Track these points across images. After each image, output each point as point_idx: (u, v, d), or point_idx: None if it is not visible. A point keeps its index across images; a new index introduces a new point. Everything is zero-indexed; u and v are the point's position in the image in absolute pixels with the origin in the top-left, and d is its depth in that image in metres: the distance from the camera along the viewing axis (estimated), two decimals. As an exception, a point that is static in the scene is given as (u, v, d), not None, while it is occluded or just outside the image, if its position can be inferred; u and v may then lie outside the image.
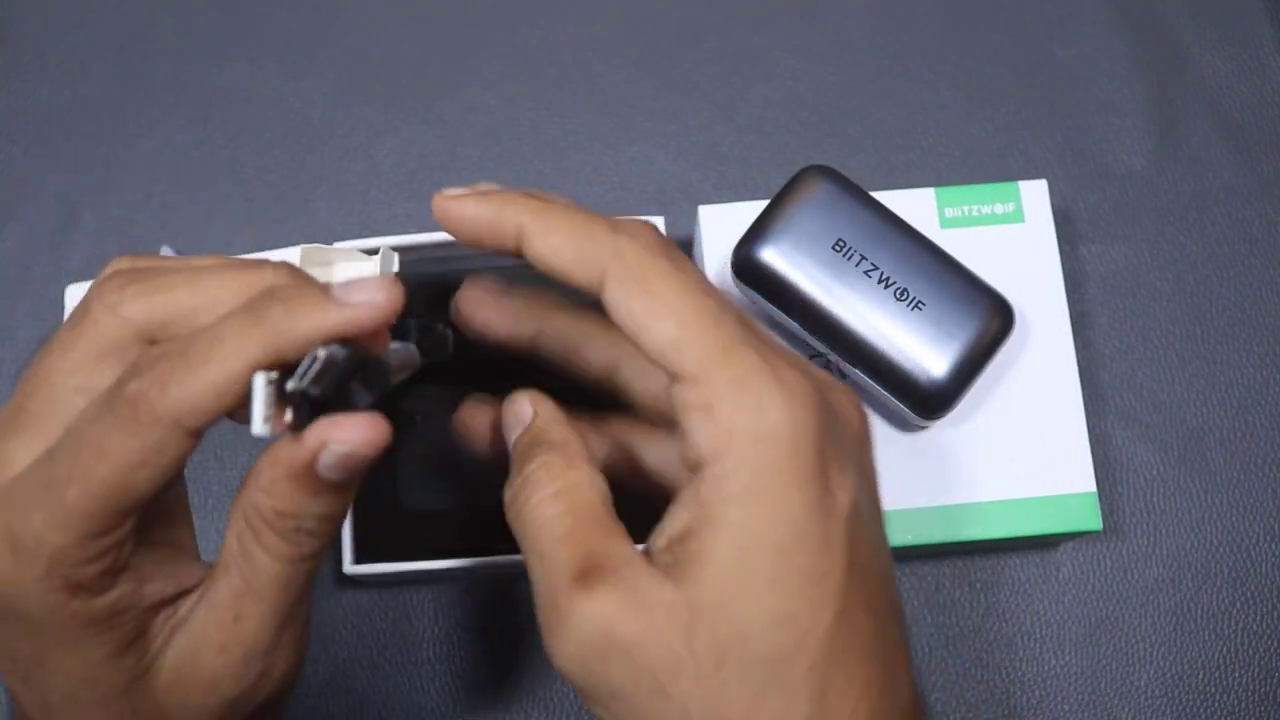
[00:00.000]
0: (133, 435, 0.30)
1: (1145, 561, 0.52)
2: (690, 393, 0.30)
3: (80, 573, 0.31)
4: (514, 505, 0.33)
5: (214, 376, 0.30)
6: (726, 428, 0.30)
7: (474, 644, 0.51)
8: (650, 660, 0.30)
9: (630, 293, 0.31)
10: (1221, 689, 0.51)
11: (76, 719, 0.33)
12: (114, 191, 0.56)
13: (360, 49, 0.59)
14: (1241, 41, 0.59)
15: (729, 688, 0.29)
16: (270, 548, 0.32)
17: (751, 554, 0.30)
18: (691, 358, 0.30)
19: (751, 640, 0.29)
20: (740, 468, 0.30)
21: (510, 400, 0.37)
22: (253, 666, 0.33)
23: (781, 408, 0.30)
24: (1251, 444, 0.54)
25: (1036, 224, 0.50)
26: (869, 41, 0.59)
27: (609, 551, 0.31)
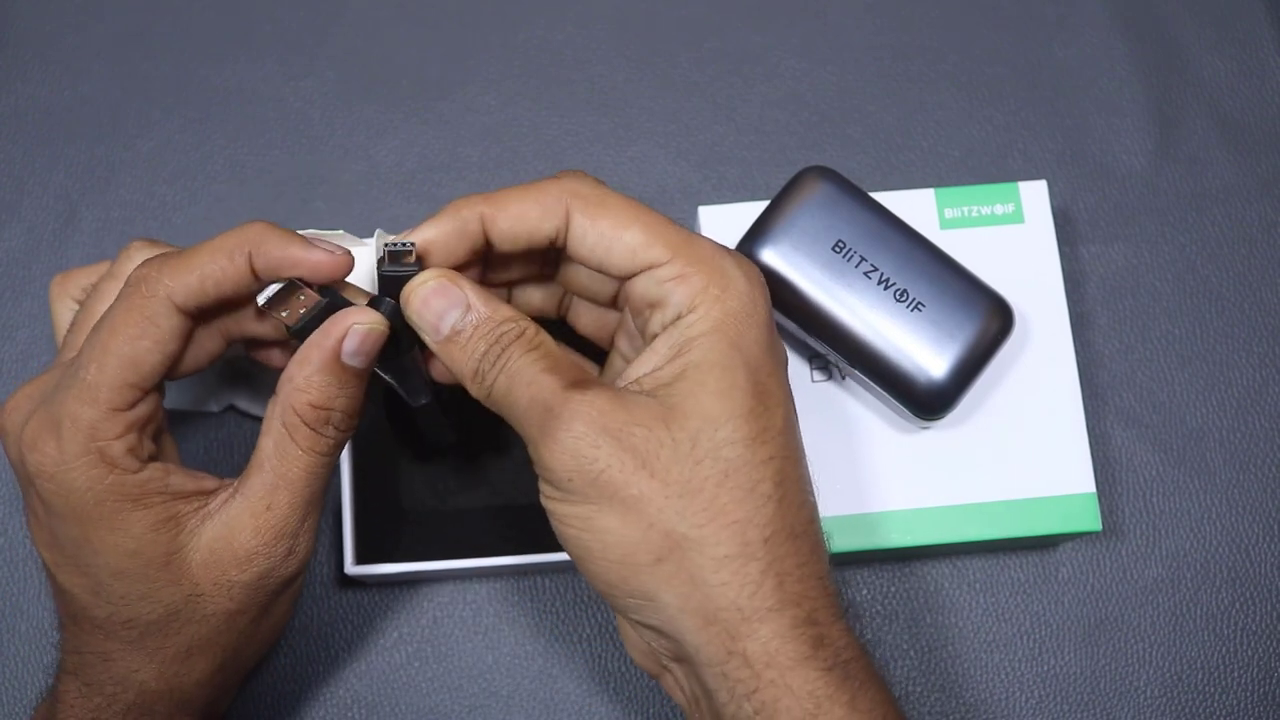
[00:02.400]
0: (135, 309, 0.37)
1: (1144, 562, 0.52)
2: (666, 271, 0.37)
3: (112, 448, 0.38)
4: (496, 365, 0.37)
5: (202, 264, 0.38)
6: (699, 287, 0.37)
7: (474, 644, 0.51)
8: (636, 442, 0.35)
9: (595, 215, 0.38)
10: (1221, 689, 0.51)
11: (125, 590, 0.39)
12: (114, 191, 0.56)
13: (360, 49, 0.59)
14: (1241, 41, 0.59)
15: (703, 465, 0.35)
16: (304, 442, 0.39)
17: (717, 366, 0.36)
18: (664, 246, 0.38)
19: (721, 425, 0.36)
20: (711, 312, 0.37)
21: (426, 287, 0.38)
22: (281, 545, 0.40)
23: (740, 275, 0.38)
24: (1251, 444, 0.54)
25: (1036, 224, 0.50)
26: (869, 41, 0.59)
27: (589, 373, 0.37)
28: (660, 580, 0.35)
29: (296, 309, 0.39)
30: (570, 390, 0.36)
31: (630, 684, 0.51)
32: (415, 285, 0.38)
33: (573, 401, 0.36)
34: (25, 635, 0.51)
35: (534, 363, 0.37)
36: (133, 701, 0.40)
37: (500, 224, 0.39)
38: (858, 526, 0.47)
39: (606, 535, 0.36)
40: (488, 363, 0.37)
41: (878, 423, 0.48)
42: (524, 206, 0.39)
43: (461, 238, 0.39)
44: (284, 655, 0.51)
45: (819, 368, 0.48)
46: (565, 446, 0.35)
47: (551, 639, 0.51)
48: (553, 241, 0.39)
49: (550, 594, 0.52)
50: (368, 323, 0.38)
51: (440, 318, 0.38)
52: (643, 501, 0.35)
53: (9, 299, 0.55)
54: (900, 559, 0.52)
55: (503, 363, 0.37)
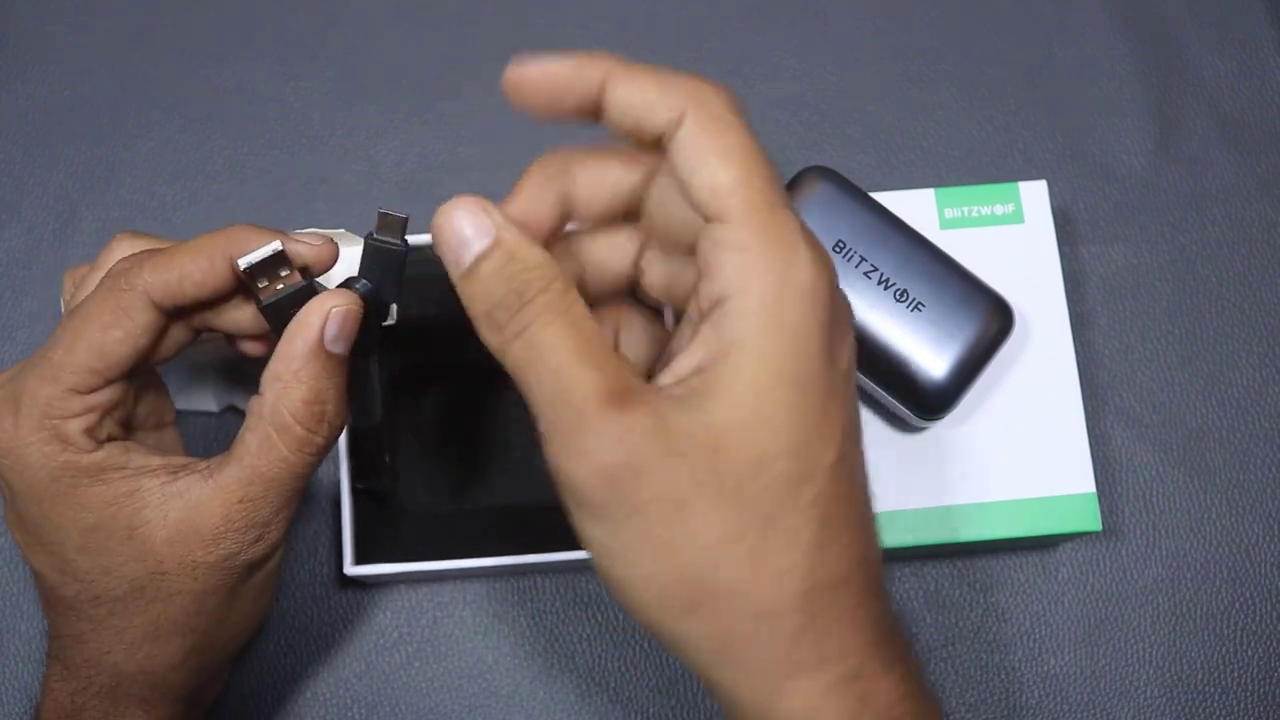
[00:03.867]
0: (111, 300, 0.38)
1: (1144, 562, 0.52)
2: (729, 233, 0.32)
3: (66, 426, 0.38)
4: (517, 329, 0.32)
5: (183, 264, 0.38)
6: (758, 266, 0.32)
7: (474, 644, 0.51)
8: (677, 479, 0.31)
9: (706, 130, 0.33)
10: (1220, 689, 0.51)
11: (89, 565, 0.39)
12: (114, 191, 0.56)
13: (360, 49, 0.59)
14: (1241, 41, 0.59)
15: (745, 510, 0.31)
16: (292, 444, 0.38)
17: (771, 385, 0.32)
18: (742, 201, 0.32)
19: (769, 463, 0.31)
20: (765, 302, 0.32)
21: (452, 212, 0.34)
22: (251, 533, 0.39)
23: (808, 261, 0.32)
24: (1251, 444, 0.54)
25: (1036, 225, 0.50)
26: (869, 41, 0.59)
27: (629, 376, 0.32)
28: (694, 631, 0.32)
29: (274, 284, 0.38)
30: (609, 407, 0.31)
31: (630, 684, 0.51)
32: (445, 207, 0.34)
33: (611, 421, 0.31)
34: (25, 635, 0.51)
35: (561, 341, 0.32)
36: (106, 684, 0.40)
37: (619, 91, 0.34)
38: (858, 526, 0.47)
39: (638, 570, 0.32)
40: (504, 313, 0.32)
41: (878, 423, 0.48)
42: (646, 84, 0.34)
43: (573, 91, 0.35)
44: (284, 655, 0.51)
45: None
46: (597, 470, 0.31)
47: (551, 639, 0.51)
48: (659, 135, 0.34)
49: (550, 594, 0.52)
50: (344, 303, 0.37)
51: (464, 245, 0.33)
52: (678, 547, 0.32)
53: (9, 299, 0.55)
54: (900, 559, 0.52)
55: (522, 323, 0.32)
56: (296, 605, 0.52)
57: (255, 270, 0.38)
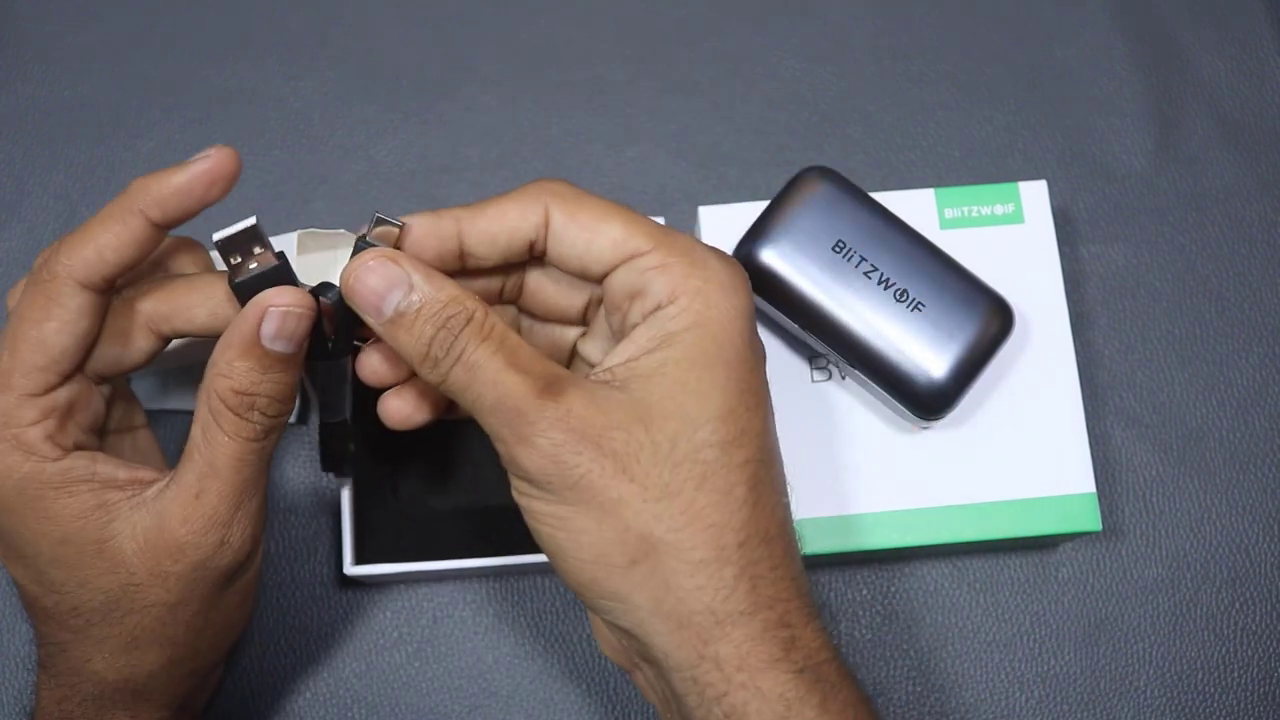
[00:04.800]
0: (39, 294, 0.37)
1: (1144, 562, 0.52)
2: (648, 260, 0.37)
3: (27, 434, 0.38)
4: (454, 358, 0.36)
5: (95, 235, 0.38)
6: (680, 276, 0.37)
7: (474, 644, 0.51)
8: (616, 446, 0.35)
9: (575, 212, 0.38)
10: (1221, 689, 0.51)
11: (64, 578, 0.39)
12: (114, 191, 0.56)
13: (360, 49, 0.59)
14: (1241, 41, 0.59)
15: (681, 468, 0.35)
16: (228, 428, 0.38)
17: (698, 364, 0.36)
18: (644, 238, 0.37)
19: (700, 427, 0.36)
20: (693, 305, 0.36)
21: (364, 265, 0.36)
22: (212, 535, 0.39)
23: (721, 266, 0.37)
24: (1251, 444, 0.54)
25: (1036, 224, 0.50)
26: (869, 41, 0.59)
27: (558, 372, 0.36)
28: (634, 583, 0.35)
29: (248, 262, 0.37)
30: (544, 397, 0.35)
31: (630, 684, 0.51)
32: (354, 264, 0.36)
33: (549, 409, 0.35)
34: (26, 635, 0.51)
35: (493, 356, 0.36)
36: (91, 692, 0.40)
37: (479, 224, 0.38)
38: (858, 527, 0.47)
39: (582, 536, 0.35)
40: (439, 349, 0.36)
41: (878, 423, 0.48)
42: (502, 208, 0.38)
43: (433, 237, 0.38)
44: (284, 655, 0.51)
45: (819, 368, 0.48)
46: (544, 452, 0.35)
47: (552, 639, 0.51)
48: (531, 245, 0.39)
49: (551, 594, 0.52)
50: (286, 304, 0.37)
51: (381, 298, 0.36)
52: (621, 505, 0.35)
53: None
54: (900, 559, 0.52)
55: (456, 352, 0.36)
56: (296, 605, 0.52)
57: (228, 245, 0.37)
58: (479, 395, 0.36)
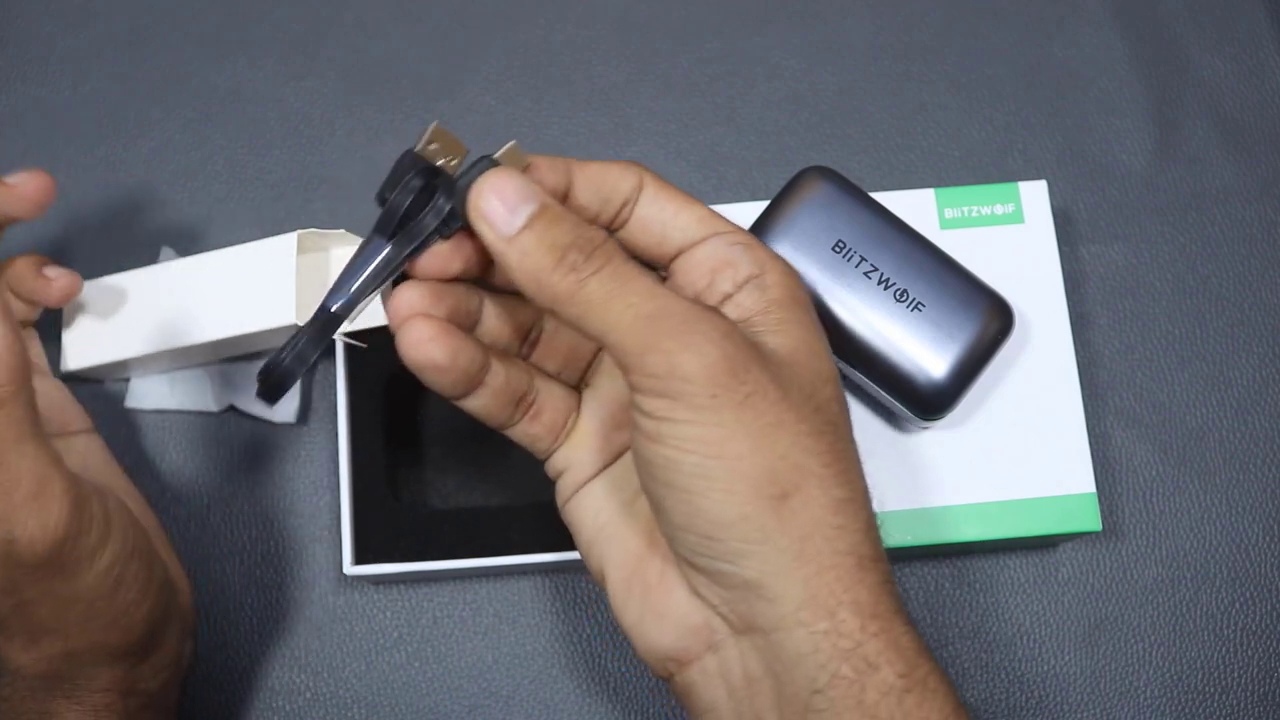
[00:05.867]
0: None
1: (1145, 562, 0.52)
2: (734, 237, 0.38)
3: None
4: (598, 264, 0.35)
5: None
6: (767, 255, 0.38)
7: (474, 644, 0.51)
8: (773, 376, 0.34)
9: (665, 187, 0.39)
10: (1221, 689, 0.51)
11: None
12: (114, 191, 0.56)
13: (361, 49, 0.59)
14: (1241, 41, 0.59)
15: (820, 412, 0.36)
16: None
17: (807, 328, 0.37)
18: (723, 222, 0.39)
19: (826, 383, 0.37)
20: (784, 280, 0.38)
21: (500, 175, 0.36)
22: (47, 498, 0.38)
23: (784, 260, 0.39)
24: (1251, 444, 0.54)
25: (1036, 224, 0.50)
26: (869, 42, 0.59)
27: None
28: (781, 519, 0.34)
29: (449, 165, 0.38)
30: (711, 310, 0.35)
31: (630, 684, 0.51)
32: (489, 174, 0.36)
33: (720, 319, 0.35)
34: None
35: (640, 274, 0.35)
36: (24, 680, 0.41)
37: (588, 171, 0.38)
38: (858, 526, 0.47)
39: (738, 462, 0.34)
40: (579, 253, 0.34)
41: (878, 423, 0.48)
42: (605, 165, 0.38)
43: (553, 172, 0.38)
44: (284, 655, 0.51)
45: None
46: (716, 359, 0.33)
47: (551, 639, 0.51)
48: (624, 205, 0.38)
49: (550, 594, 0.52)
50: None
51: (513, 208, 0.35)
52: (780, 429, 0.34)
53: (9, 299, 0.55)
54: (900, 559, 0.52)
55: (601, 259, 0.35)
56: (296, 605, 0.52)
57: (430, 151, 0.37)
58: (626, 306, 0.34)
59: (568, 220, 0.35)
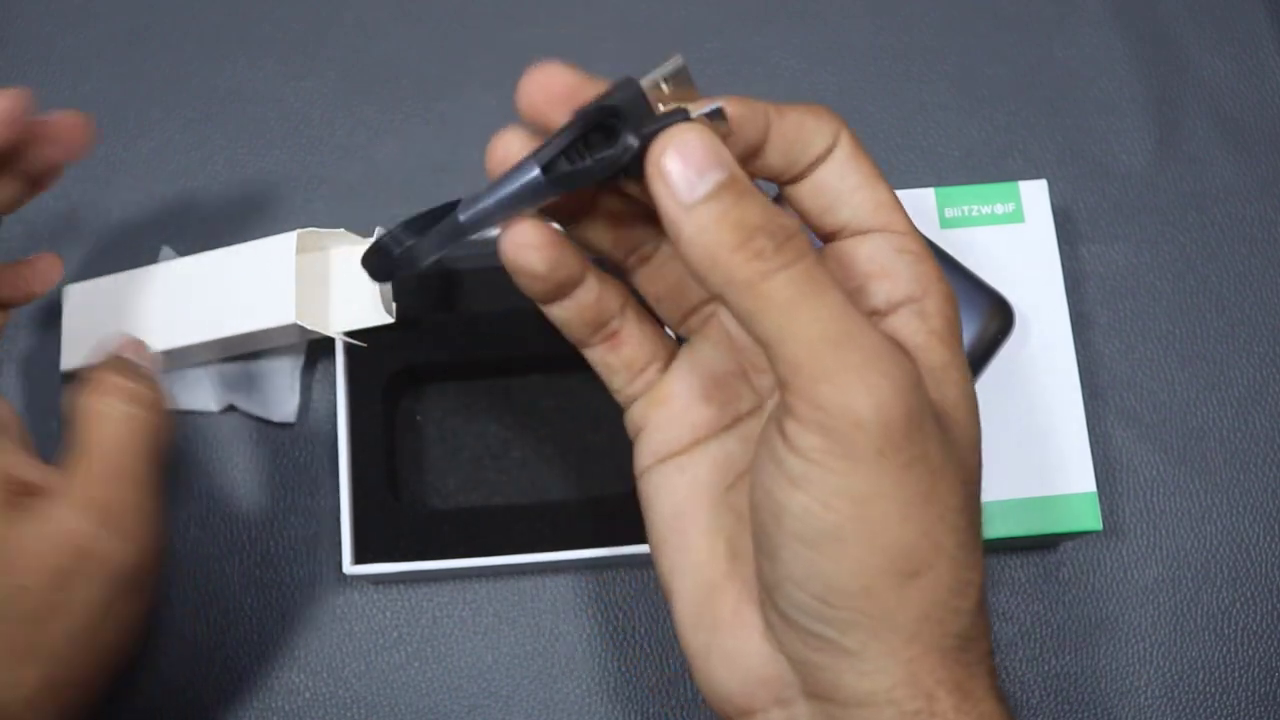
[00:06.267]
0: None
1: (1145, 561, 0.52)
2: (904, 242, 0.34)
3: None
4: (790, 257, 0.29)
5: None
6: (931, 273, 0.33)
7: (474, 644, 0.51)
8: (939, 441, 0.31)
9: (860, 158, 0.34)
10: (1221, 689, 0.51)
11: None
12: (114, 191, 0.56)
13: (360, 49, 0.59)
14: (1241, 41, 0.59)
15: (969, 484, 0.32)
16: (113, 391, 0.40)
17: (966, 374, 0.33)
18: (904, 216, 0.34)
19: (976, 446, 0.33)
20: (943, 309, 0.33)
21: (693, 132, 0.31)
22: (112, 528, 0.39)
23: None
24: (1251, 444, 0.54)
25: (1036, 224, 0.50)
26: (869, 42, 0.59)
27: None
28: (904, 598, 0.30)
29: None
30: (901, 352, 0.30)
31: (630, 684, 0.51)
32: (677, 128, 0.31)
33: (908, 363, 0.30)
34: None
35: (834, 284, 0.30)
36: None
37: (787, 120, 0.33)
38: (858, 526, 0.47)
39: (882, 534, 0.30)
40: (769, 240, 0.29)
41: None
42: (802, 115, 0.33)
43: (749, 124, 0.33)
44: (283, 655, 0.51)
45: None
46: (895, 414, 0.29)
47: (551, 639, 0.51)
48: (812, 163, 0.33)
49: (550, 594, 0.52)
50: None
51: (701, 172, 0.30)
52: (931, 502, 0.30)
53: (9, 299, 0.55)
54: (900, 559, 0.52)
55: (792, 253, 0.29)
56: (296, 605, 0.52)
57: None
58: (814, 315, 0.29)
59: (759, 199, 0.30)
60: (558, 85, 0.33)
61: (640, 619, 0.51)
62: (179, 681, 0.50)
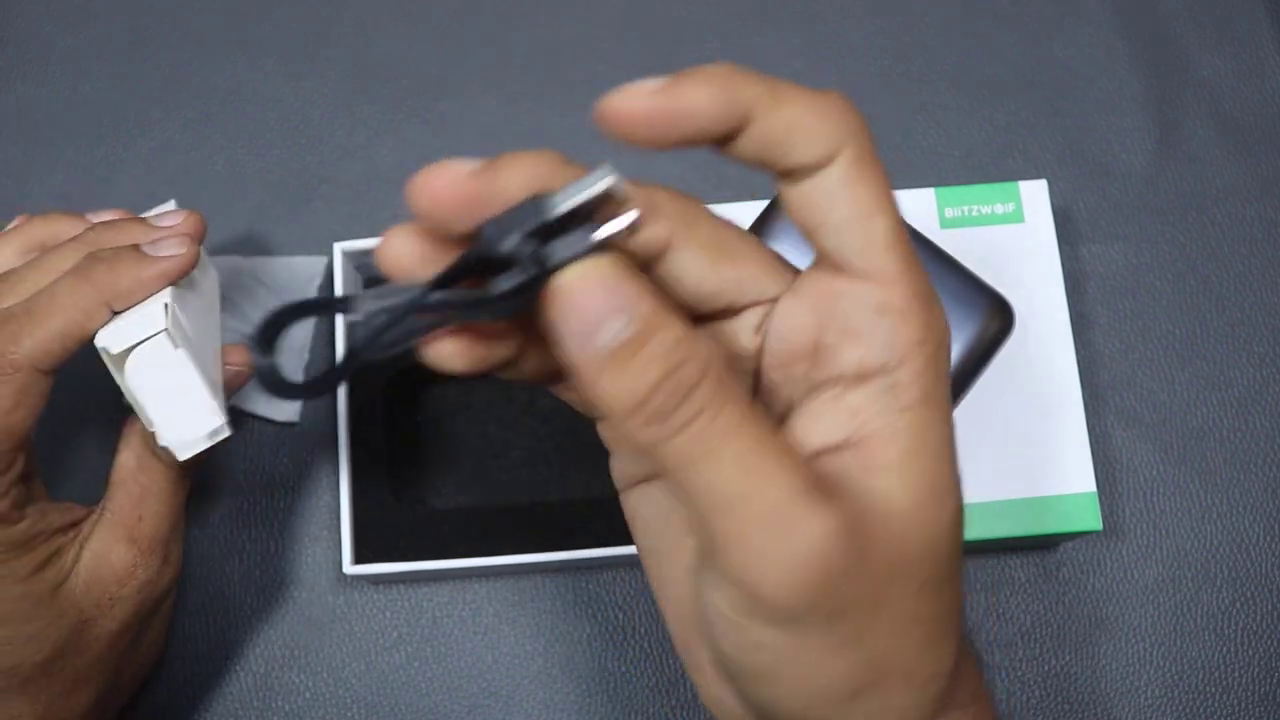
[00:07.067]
0: (5, 386, 0.38)
1: (1145, 561, 0.52)
2: (886, 297, 0.29)
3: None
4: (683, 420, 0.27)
5: (57, 327, 0.38)
6: (915, 334, 0.28)
7: (474, 644, 0.51)
8: (875, 579, 0.28)
9: (865, 177, 0.28)
10: (1221, 689, 0.51)
11: (10, 634, 0.39)
12: (114, 191, 0.56)
13: (360, 49, 0.59)
14: (1241, 41, 0.59)
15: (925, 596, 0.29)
16: (166, 457, 0.40)
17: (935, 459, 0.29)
18: (896, 259, 0.29)
19: (940, 543, 0.29)
20: (921, 376, 0.28)
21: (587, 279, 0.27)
22: (156, 554, 0.41)
23: (943, 318, 0.30)
24: (1252, 443, 0.54)
25: (1036, 224, 0.50)
26: (869, 42, 0.59)
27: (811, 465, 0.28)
28: (849, 713, 0.29)
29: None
30: (810, 504, 0.27)
31: (630, 684, 0.51)
32: (574, 274, 0.27)
33: (816, 522, 0.26)
34: None
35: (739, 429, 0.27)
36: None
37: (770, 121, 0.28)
38: (858, 526, 0.47)
39: (811, 669, 0.28)
40: (666, 401, 0.26)
41: (878, 422, 0.48)
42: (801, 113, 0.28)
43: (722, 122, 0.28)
44: (283, 655, 0.51)
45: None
46: (804, 577, 0.27)
47: (551, 639, 0.51)
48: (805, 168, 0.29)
49: (550, 594, 0.52)
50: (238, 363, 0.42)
51: (598, 324, 0.26)
52: (867, 635, 0.28)
53: (9, 299, 0.55)
54: (900, 559, 0.52)
55: (689, 413, 0.27)
56: (296, 606, 0.52)
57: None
58: (712, 480, 0.27)
59: (661, 348, 0.26)
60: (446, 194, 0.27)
61: (640, 619, 0.51)
62: (179, 681, 0.50)
